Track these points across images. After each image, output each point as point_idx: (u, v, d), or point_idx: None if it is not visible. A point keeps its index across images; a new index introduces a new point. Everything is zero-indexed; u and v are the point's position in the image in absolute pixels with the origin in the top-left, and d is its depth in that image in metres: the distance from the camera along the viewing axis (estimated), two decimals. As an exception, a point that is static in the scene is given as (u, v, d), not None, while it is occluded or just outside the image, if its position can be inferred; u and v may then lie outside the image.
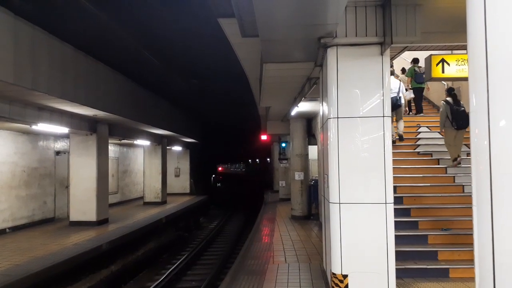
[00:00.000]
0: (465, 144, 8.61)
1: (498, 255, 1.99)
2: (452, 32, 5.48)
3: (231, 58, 8.89)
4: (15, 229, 11.60)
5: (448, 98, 8.57)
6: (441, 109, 8.78)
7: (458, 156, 8.32)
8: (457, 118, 8.23)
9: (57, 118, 10.18)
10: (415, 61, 11.51)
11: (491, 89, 2.00)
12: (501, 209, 1.98)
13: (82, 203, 12.42)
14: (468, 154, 8.39)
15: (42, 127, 9.79)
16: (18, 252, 8.89)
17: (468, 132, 5.30)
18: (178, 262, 11.39)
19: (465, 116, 8.10)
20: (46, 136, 13.24)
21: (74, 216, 12.47)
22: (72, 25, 8.05)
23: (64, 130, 10.99)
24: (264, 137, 20.46)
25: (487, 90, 2.01)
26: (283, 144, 19.04)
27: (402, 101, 9.43)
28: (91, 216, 12.41)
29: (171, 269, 10.63)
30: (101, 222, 12.65)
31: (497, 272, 2.00)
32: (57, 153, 14.03)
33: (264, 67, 7.03)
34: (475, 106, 2.13)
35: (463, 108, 8.26)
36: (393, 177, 5.51)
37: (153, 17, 8.26)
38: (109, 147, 14.65)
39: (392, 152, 5.50)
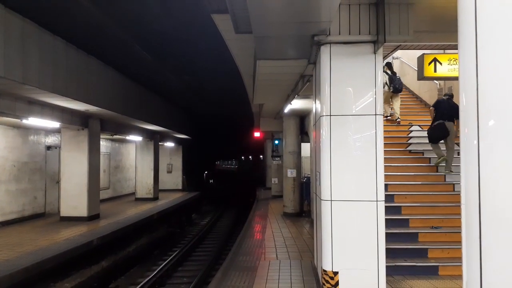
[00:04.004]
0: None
1: (485, 253, 2.01)
2: (444, 31, 5.50)
3: (225, 54, 8.86)
4: (5, 224, 11.49)
5: (387, 70, 10.60)
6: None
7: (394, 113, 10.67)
8: (394, 84, 10.28)
9: (48, 113, 10.09)
10: None
11: (481, 88, 2.01)
12: (488, 208, 2.00)
13: (73, 199, 12.34)
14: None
15: (32, 121, 9.70)
16: (7, 247, 8.82)
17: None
18: (170, 258, 11.38)
19: (400, 83, 10.43)
20: (37, 130, 13.12)
21: (65, 212, 12.39)
22: (63, 18, 7.96)
23: (55, 124, 10.90)
24: (257, 134, 20.45)
25: (476, 89, 2.03)
26: (276, 141, 19.05)
27: None
28: (82, 211, 12.35)
29: (162, 265, 10.62)
30: (92, 217, 12.59)
31: (483, 270, 2.02)
32: (48, 147, 13.91)
33: (257, 64, 7.01)
34: (464, 106, 2.14)
35: (398, 77, 10.55)
36: (385, 175, 5.55)
37: (146, 12, 8.20)
38: (101, 143, 14.56)
39: (384, 150, 5.53)
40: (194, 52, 11.15)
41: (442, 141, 8.45)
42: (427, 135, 8.64)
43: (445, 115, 8.24)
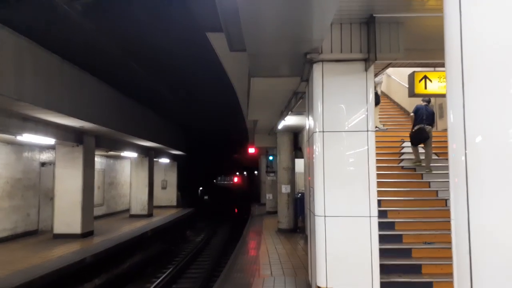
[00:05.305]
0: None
1: (475, 269, 2.05)
2: (434, 49, 5.62)
3: (219, 71, 8.96)
4: (-3, 241, 11.36)
5: None
6: None
7: None
8: None
9: (42, 129, 10.08)
10: None
11: (467, 105, 2.07)
12: (477, 222, 2.05)
13: (67, 215, 12.23)
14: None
15: (26, 137, 9.68)
16: (-1, 265, 8.71)
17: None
18: (164, 276, 11.26)
19: (377, 97, 10.35)
20: (31, 147, 13.08)
21: (58, 229, 12.27)
22: (58, 35, 8.04)
23: (50, 141, 10.88)
24: (251, 150, 20.49)
25: (463, 106, 2.09)
26: (270, 157, 19.09)
27: None
28: (76, 228, 12.23)
29: (156, 283, 10.50)
30: (86, 234, 12.48)
31: (474, 285, 2.05)
32: (42, 164, 13.85)
33: (251, 81, 7.11)
34: (452, 122, 2.20)
35: (375, 90, 10.03)
36: (378, 191, 5.59)
37: (141, 29, 8.31)
38: (96, 159, 14.51)
39: (376, 166, 5.58)
40: (189, 69, 11.26)
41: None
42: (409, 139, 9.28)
43: (424, 120, 8.95)
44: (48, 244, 11.22)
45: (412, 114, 9.28)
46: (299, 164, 15.35)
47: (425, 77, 8.35)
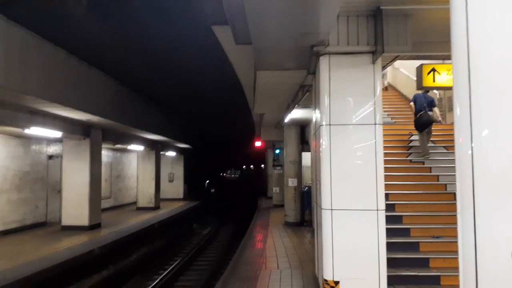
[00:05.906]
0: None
1: (480, 263, 2.03)
2: (442, 42, 5.55)
3: (226, 65, 8.94)
4: (6, 233, 11.50)
5: None
6: None
7: None
8: None
9: (50, 122, 10.15)
10: None
11: (473, 99, 2.04)
12: (483, 217, 2.03)
13: (74, 208, 12.35)
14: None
15: (34, 131, 9.76)
16: (8, 256, 8.81)
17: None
18: (171, 268, 11.35)
19: None
20: (39, 140, 13.19)
21: (66, 221, 12.41)
22: (65, 30, 8.06)
23: (57, 134, 10.95)
24: (258, 144, 20.49)
25: (469, 99, 2.06)
26: (277, 151, 19.09)
27: None
28: (83, 220, 12.36)
29: (163, 275, 10.58)
30: (93, 226, 12.59)
31: (479, 280, 2.03)
32: (50, 157, 13.96)
33: (257, 75, 7.08)
34: (458, 116, 2.17)
35: None
36: (386, 184, 5.56)
37: (147, 24, 8.31)
38: (103, 152, 14.60)
39: (384, 159, 5.55)
40: (195, 63, 11.25)
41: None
42: (414, 126, 9.71)
43: (425, 107, 9.44)
44: (56, 236, 11.35)
45: (411, 103, 9.85)
46: (306, 157, 15.33)
47: (433, 70, 8.27)
